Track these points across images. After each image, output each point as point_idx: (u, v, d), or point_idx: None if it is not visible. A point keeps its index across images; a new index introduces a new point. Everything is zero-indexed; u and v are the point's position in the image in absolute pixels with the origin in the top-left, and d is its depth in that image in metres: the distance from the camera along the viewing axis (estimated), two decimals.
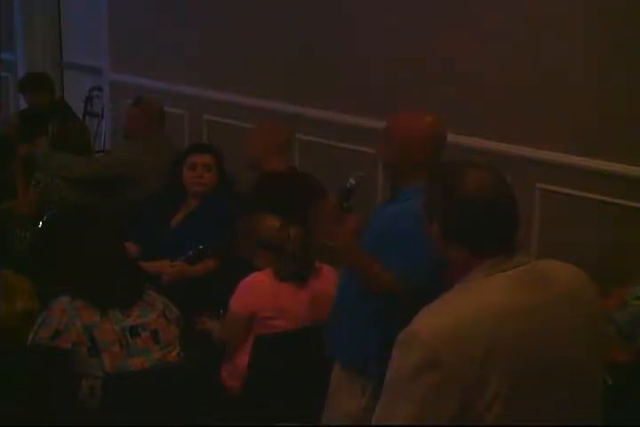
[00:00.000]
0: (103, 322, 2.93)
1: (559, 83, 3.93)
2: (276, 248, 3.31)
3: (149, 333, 3.01)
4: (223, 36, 5.40)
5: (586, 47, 3.83)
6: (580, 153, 3.89)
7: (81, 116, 6.62)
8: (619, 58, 3.74)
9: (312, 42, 4.92)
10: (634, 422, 2.77)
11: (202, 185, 4.13)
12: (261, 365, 3.22)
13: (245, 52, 5.29)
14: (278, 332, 3.25)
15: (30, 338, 2.88)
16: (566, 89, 3.92)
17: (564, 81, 3.92)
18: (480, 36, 4.17)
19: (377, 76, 4.64)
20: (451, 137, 3.56)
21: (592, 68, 3.82)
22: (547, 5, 3.93)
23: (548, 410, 1.79)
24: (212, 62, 5.53)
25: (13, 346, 2.81)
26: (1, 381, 2.64)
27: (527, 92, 4.04)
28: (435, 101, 4.16)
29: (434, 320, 1.77)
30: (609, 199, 3.81)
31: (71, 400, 2.79)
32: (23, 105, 6.17)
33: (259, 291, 3.28)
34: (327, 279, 3.36)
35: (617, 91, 3.77)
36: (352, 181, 3.06)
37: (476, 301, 1.80)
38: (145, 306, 3.05)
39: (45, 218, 4.45)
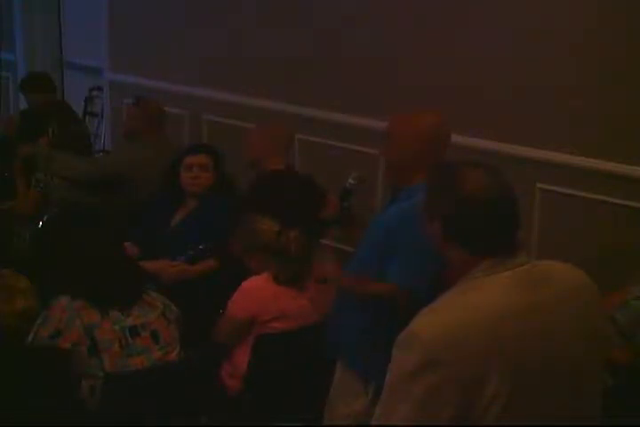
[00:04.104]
0: (103, 322, 2.93)
1: (559, 83, 3.93)
2: (275, 252, 3.29)
3: (149, 332, 3.01)
4: (223, 35, 5.40)
5: (586, 47, 3.83)
6: (580, 153, 3.89)
7: (81, 116, 6.62)
8: (619, 58, 3.74)
9: (312, 42, 4.92)
10: (634, 422, 2.77)
11: (199, 185, 4.13)
12: (262, 364, 3.22)
13: (245, 52, 5.29)
14: (279, 332, 3.25)
15: (30, 338, 2.88)
16: (566, 89, 3.92)
17: (564, 81, 3.92)
18: (480, 35, 4.17)
19: (377, 76, 4.64)
20: (451, 137, 3.56)
21: (592, 67, 3.82)
22: (547, 6, 3.94)
23: (548, 410, 1.79)
24: (212, 62, 5.53)
25: (13, 346, 2.81)
26: (1, 381, 2.64)
27: (527, 92, 4.04)
28: (435, 101, 4.16)
29: (433, 320, 1.77)
30: (609, 199, 3.81)
31: (71, 400, 2.79)
32: (23, 105, 6.17)
33: (259, 296, 3.26)
34: None
35: (617, 91, 3.77)
36: (351, 180, 3.08)
37: (476, 301, 1.79)
38: (145, 306, 3.05)
39: (45, 218, 4.44)
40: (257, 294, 3.28)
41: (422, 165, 2.73)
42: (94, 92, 6.91)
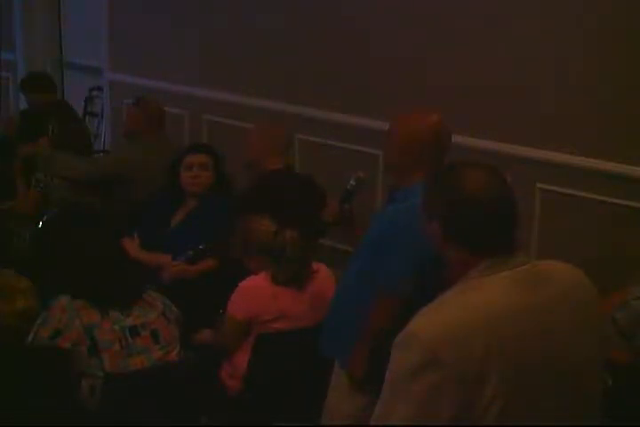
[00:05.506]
0: (103, 322, 2.93)
1: (559, 83, 3.94)
2: (273, 253, 3.29)
3: (149, 332, 3.01)
4: (223, 35, 5.40)
5: (585, 47, 3.83)
6: (580, 153, 3.89)
7: (81, 116, 6.62)
8: (618, 58, 3.75)
9: (312, 42, 4.92)
10: (634, 422, 2.77)
11: (199, 185, 4.14)
12: (262, 364, 3.22)
13: (245, 52, 5.29)
14: (279, 331, 3.24)
15: (30, 338, 2.88)
16: (566, 89, 3.92)
17: (564, 81, 3.93)
18: (480, 36, 4.17)
19: (377, 76, 4.64)
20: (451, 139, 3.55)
21: (592, 68, 3.83)
22: (546, 5, 3.94)
23: (548, 410, 1.79)
24: (212, 62, 5.53)
25: (13, 346, 2.80)
26: (1, 381, 2.64)
27: (527, 92, 4.04)
28: (435, 101, 4.16)
29: (432, 320, 1.77)
30: (609, 199, 3.82)
31: (71, 400, 2.79)
32: (24, 105, 6.17)
33: (258, 296, 3.26)
34: (325, 279, 3.36)
35: (617, 91, 3.77)
36: (352, 182, 3.07)
37: (476, 301, 1.79)
38: (145, 306, 3.05)
39: (45, 218, 4.45)
40: (256, 293, 3.27)
41: (422, 166, 2.72)
42: (94, 92, 6.91)
